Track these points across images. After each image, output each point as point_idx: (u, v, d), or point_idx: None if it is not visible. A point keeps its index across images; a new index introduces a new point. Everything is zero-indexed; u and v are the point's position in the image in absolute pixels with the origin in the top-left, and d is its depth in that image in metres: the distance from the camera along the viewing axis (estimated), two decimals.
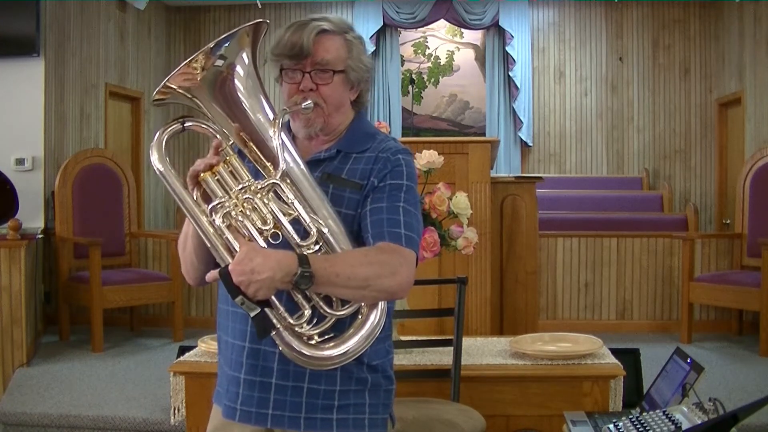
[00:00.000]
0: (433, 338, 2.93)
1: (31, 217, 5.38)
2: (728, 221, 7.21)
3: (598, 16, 8.34)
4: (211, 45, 1.53)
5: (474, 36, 8.59)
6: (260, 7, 8.01)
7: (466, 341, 2.96)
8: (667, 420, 1.90)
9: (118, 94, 7.10)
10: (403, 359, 2.79)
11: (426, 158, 2.86)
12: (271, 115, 1.60)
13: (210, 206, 1.52)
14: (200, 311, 6.02)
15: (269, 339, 1.56)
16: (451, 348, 2.63)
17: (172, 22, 8.40)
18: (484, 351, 2.90)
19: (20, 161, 5.58)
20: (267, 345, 1.61)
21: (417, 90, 8.60)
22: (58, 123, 5.96)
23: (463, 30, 8.54)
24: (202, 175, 1.54)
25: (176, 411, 2.70)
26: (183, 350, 3.33)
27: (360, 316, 1.57)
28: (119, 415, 3.86)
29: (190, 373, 2.68)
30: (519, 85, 8.27)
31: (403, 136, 8.16)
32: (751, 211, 5.54)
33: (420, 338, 3.00)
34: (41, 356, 4.90)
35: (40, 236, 5.39)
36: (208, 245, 1.52)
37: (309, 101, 1.64)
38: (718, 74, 7.91)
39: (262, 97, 1.61)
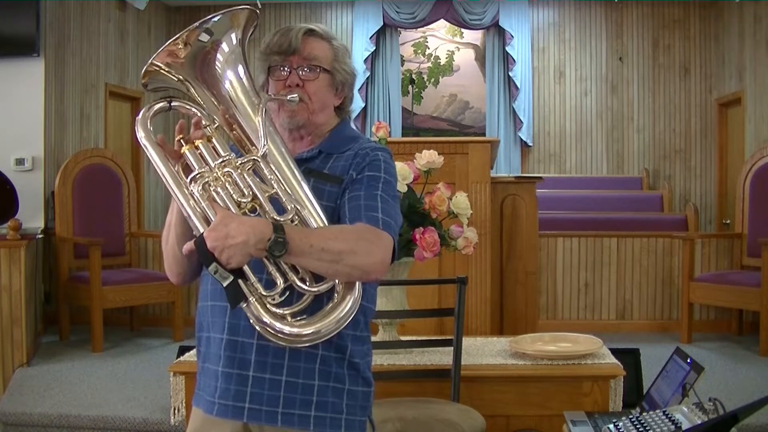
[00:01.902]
0: (433, 338, 2.93)
1: (31, 217, 5.38)
2: (728, 221, 7.22)
3: (598, 16, 8.34)
4: (197, 24, 1.58)
5: (474, 36, 8.59)
6: (260, 7, 8.01)
7: (466, 341, 2.96)
8: (667, 420, 1.90)
9: (118, 94, 7.10)
10: (403, 359, 2.79)
11: (426, 158, 2.86)
12: (256, 100, 1.63)
13: (190, 176, 1.54)
14: None
15: (247, 330, 1.57)
16: (451, 348, 2.63)
17: (172, 22, 8.40)
18: (484, 351, 2.90)
19: (20, 161, 5.57)
20: (245, 336, 1.61)
21: (417, 90, 8.60)
22: (58, 123, 5.96)
23: (463, 30, 8.54)
24: (184, 148, 1.56)
25: (176, 411, 2.70)
26: (183, 350, 3.34)
27: (336, 295, 1.56)
28: (119, 415, 3.86)
29: (190, 373, 2.68)
30: (519, 85, 8.27)
31: (403, 136, 8.16)
32: (751, 211, 5.54)
33: (420, 338, 3.00)
34: (41, 356, 4.90)
35: (40, 236, 5.39)
36: (185, 215, 1.53)
37: (294, 94, 1.68)
38: (718, 74, 7.91)
39: (247, 83, 1.65)
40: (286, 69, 1.71)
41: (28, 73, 5.60)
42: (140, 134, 1.58)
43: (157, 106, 1.60)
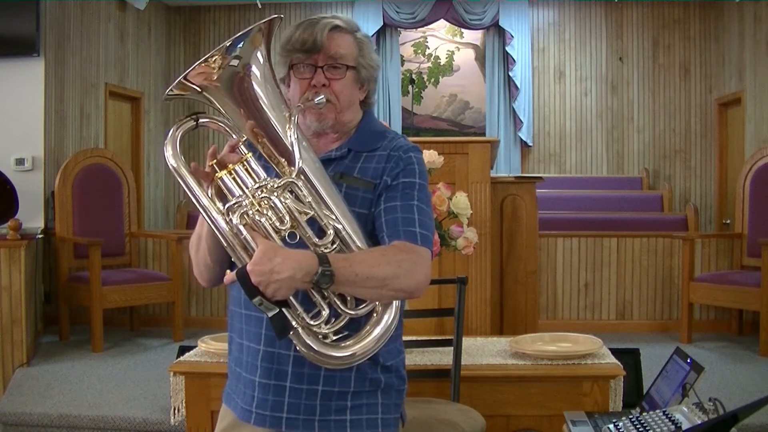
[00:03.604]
0: (433, 338, 2.93)
1: (31, 217, 5.38)
2: (728, 221, 7.21)
3: (598, 16, 8.34)
4: (228, 43, 1.52)
5: (474, 36, 8.59)
6: (260, 7, 8.01)
7: (466, 341, 2.95)
8: (667, 420, 1.90)
9: (118, 94, 7.10)
10: None
11: (426, 158, 2.86)
12: (285, 112, 1.58)
13: (227, 206, 1.50)
14: (200, 311, 6.02)
15: (284, 342, 1.56)
16: (451, 348, 2.63)
17: (172, 22, 8.40)
18: (484, 351, 2.90)
19: (20, 161, 5.58)
20: (282, 348, 1.61)
21: (417, 90, 8.60)
22: (58, 123, 5.96)
23: (463, 30, 8.54)
24: (218, 173, 1.52)
25: (176, 411, 2.70)
26: (183, 350, 3.33)
27: (375, 315, 1.56)
28: (119, 415, 3.86)
29: (190, 373, 2.68)
30: (519, 85, 8.27)
31: None
32: (751, 211, 5.54)
33: (420, 338, 2.99)
34: (41, 356, 4.90)
35: (40, 236, 5.39)
36: (225, 245, 1.50)
37: (321, 96, 1.64)
38: (718, 74, 7.91)
39: (277, 94, 1.60)
40: (310, 67, 1.66)
41: (28, 73, 5.61)
42: (171, 161, 1.52)
43: (184, 125, 1.56)
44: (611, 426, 1.99)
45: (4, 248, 4.61)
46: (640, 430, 1.90)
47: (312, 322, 1.50)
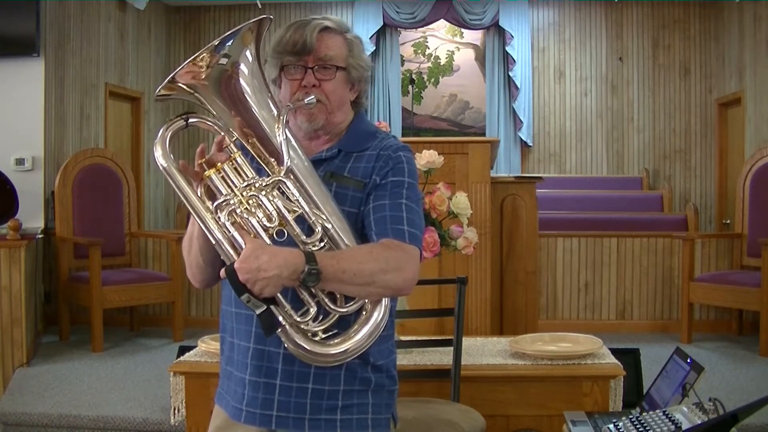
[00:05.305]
0: (433, 338, 2.93)
1: (31, 217, 5.38)
2: (728, 221, 7.21)
3: (598, 16, 8.34)
4: (216, 42, 1.52)
5: (474, 36, 8.59)
6: (260, 7, 8.01)
7: (466, 341, 2.96)
8: (667, 420, 1.90)
9: (118, 94, 7.10)
10: (403, 359, 2.79)
11: (426, 158, 2.86)
12: (274, 112, 1.59)
13: (215, 204, 1.51)
14: (200, 311, 6.02)
15: (274, 340, 1.56)
16: (451, 348, 2.63)
17: (172, 22, 8.41)
18: (484, 351, 2.90)
19: (20, 161, 5.58)
20: (272, 346, 1.61)
21: (417, 90, 8.60)
22: (58, 123, 5.96)
23: (463, 30, 8.54)
24: (206, 172, 1.54)
25: (176, 411, 2.70)
26: (183, 350, 3.33)
27: (364, 313, 1.57)
28: (119, 415, 3.86)
29: (190, 373, 2.68)
30: (519, 85, 8.27)
31: (403, 136, 8.14)
32: (751, 211, 5.54)
33: (420, 338, 3.00)
34: (41, 356, 4.90)
35: (40, 236, 5.39)
36: (213, 243, 1.52)
37: (312, 96, 1.65)
38: (718, 74, 7.91)
39: (265, 94, 1.61)
40: (300, 68, 1.68)
41: (28, 73, 5.60)
42: (160, 161, 1.54)
43: (174, 125, 1.57)
44: (611, 426, 1.99)
45: (4, 248, 4.61)
46: (640, 430, 1.90)
47: (300, 319, 1.51)
